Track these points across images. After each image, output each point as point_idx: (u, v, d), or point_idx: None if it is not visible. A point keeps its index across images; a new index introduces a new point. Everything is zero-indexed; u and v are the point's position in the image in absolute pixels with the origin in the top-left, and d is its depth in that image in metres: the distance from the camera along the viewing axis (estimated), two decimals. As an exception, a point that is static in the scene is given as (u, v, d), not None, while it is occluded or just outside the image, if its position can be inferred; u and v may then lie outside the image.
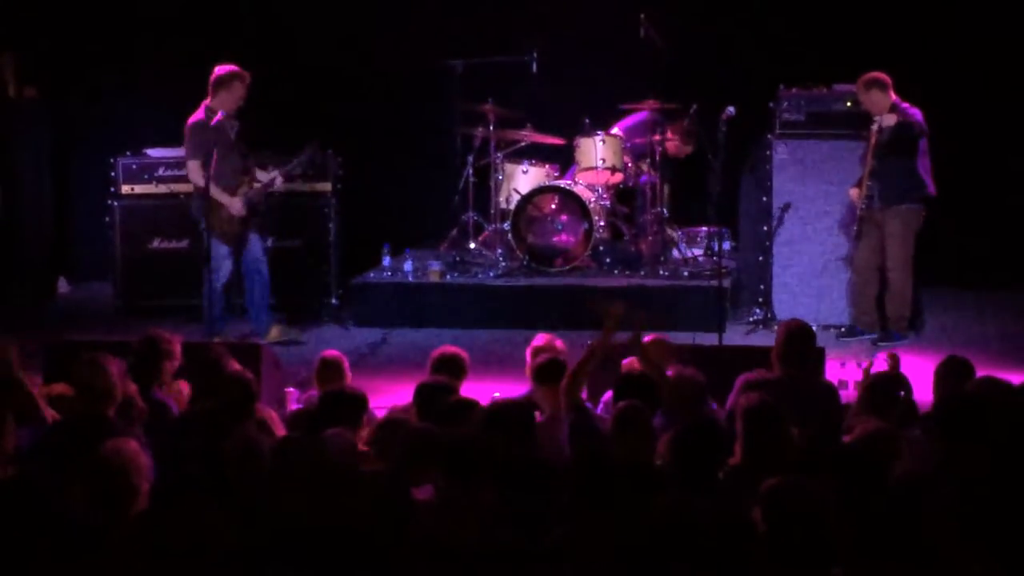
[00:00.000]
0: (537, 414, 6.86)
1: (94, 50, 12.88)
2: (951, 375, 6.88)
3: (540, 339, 7.71)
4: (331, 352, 7.82)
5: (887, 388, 6.77)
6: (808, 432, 5.96)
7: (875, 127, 10.13)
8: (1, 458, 5.89)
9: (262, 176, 10.47)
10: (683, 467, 5.58)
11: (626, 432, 6.02)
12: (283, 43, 12.80)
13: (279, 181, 10.54)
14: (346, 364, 7.69)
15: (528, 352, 7.60)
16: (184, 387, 7.38)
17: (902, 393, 6.92)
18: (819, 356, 8.08)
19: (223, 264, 10.28)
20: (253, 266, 10.49)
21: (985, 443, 5.61)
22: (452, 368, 7.31)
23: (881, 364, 7.65)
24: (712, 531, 4.81)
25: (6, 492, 5.11)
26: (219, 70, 10.26)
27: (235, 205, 10.23)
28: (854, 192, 10.42)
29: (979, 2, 12.05)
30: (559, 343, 7.67)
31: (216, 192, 10.15)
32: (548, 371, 7.05)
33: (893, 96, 10.26)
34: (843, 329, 10.68)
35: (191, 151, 10.26)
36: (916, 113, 10.20)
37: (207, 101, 10.27)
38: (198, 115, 10.26)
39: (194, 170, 10.21)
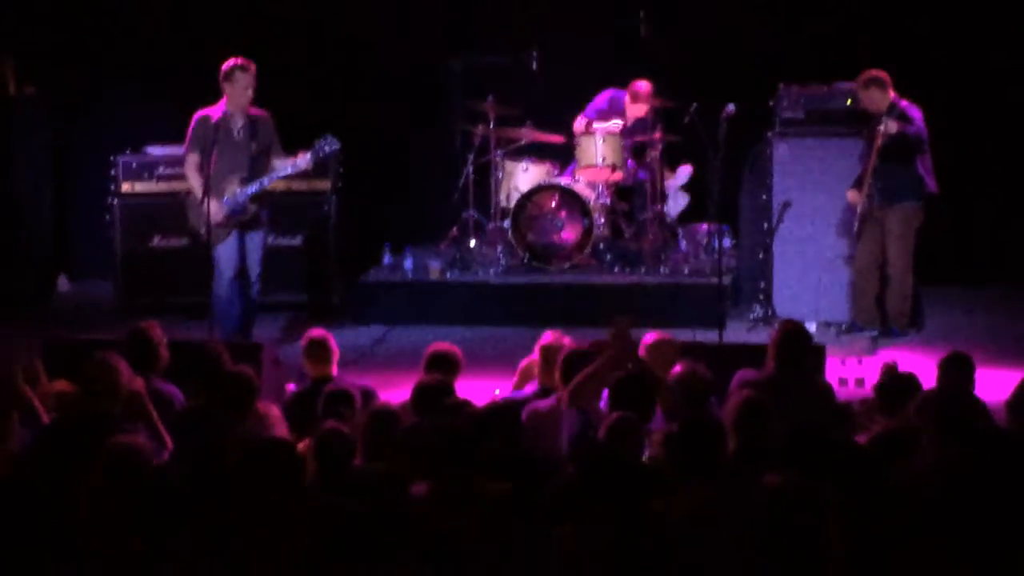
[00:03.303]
0: (541, 403, 6.86)
1: (94, 47, 12.85)
2: (953, 371, 6.91)
3: (548, 336, 7.66)
4: (317, 331, 7.80)
5: (904, 387, 6.74)
6: (796, 429, 5.97)
7: (881, 127, 10.08)
8: (2, 456, 5.90)
9: (277, 164, 9.92)
10: (682, 462, 5.60)
11: (617, 443, 6.01)
12: (282, 42, 12.77)
13: (303, 163, 9.89)
14: (332, 341, 7.69)
15: (536, 348, 7.58)
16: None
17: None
18: (819, 353, 8.10)
19: (223, 263, 9.92)
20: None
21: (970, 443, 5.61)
22: (445, 365, 7.30)
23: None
24: (711, 526, 4.83)
25: (3, 490, 5.11)
26: (223, 65, 9.89)
27: (213, 209, 9.68)
28: (851, 194, 10.41)
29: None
30: (567, 340, 7.63)
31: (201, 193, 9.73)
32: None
33: (892, 94, 10.25)
34: (844, 326, 10.67)
35: (186, 145, 9.95)
36: (916, 113, 10.20)
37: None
38: (206, 109, 9.92)
39: (187, 166, 9.92)
